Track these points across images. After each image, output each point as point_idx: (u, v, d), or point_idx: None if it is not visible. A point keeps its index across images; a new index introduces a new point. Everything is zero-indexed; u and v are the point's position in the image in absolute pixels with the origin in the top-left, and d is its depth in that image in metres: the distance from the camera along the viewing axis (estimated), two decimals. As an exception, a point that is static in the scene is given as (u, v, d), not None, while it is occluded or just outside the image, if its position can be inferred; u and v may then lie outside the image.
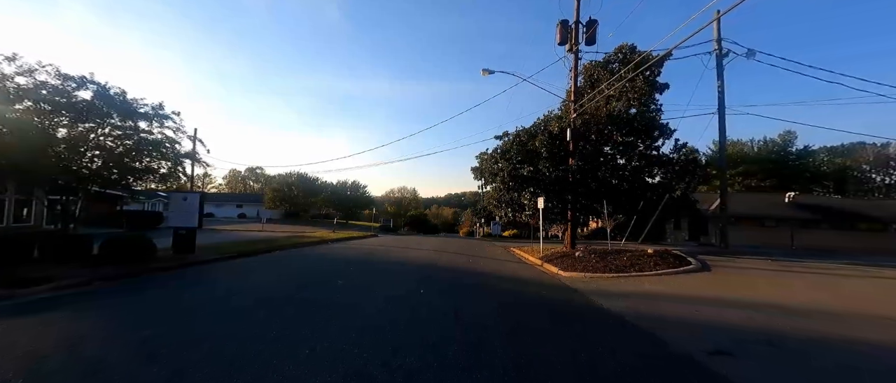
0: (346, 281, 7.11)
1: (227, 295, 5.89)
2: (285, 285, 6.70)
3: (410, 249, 15.26)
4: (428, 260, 11.26)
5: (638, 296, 6.38)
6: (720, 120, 13.04)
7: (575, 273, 8.95)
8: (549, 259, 11.55)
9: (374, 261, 10.70)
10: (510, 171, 15.15)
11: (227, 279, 7.35)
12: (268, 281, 7.19)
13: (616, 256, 10.15)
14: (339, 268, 9.02)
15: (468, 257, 12.60)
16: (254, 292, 6.05)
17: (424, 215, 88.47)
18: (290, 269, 8.75)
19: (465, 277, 8.18)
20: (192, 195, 10.02)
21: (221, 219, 48.05)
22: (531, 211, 14.53)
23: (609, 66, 15.40)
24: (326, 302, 5.29)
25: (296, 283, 6.88)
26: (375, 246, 16.98)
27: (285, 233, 24.88)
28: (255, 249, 12.56)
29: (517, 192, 15.65)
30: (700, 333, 4.29)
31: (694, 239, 28.32)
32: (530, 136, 15.76)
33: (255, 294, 5.89)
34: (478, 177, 18.87)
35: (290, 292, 6.00)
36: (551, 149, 14.23)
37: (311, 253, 12.81)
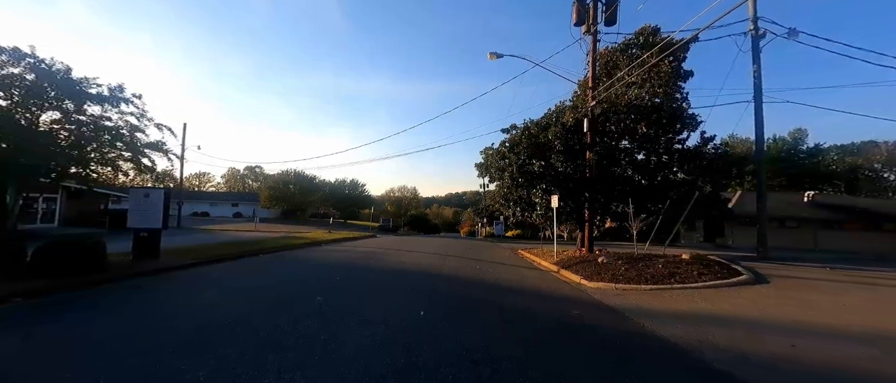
0: (327, 297, 5.71)
1: (165, 320, 4.50)
2: (248, 304, 5.31)
3: (410, 253, 13.86)
4: (430, 266, 9.86)
5: (700, 320, 4.97)
6: (756, 108, 11.62)
7: (602, 283, 7.55)
8: (566, 265, 10.16)
9: (368, 268, 9.30)
10: (520, 167, 13.75)
11: (181, 295, 5.97)
12: (229, 297, 5.80)
13: (647, 263, 8.74)
14: (324, 277, 7.63)
15: (475, 262, 11.21)
16: (201, 315, 4.66)
17: (425, 215, 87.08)
18: (265, 280, 7.37)
19: (475, 290, 6.78)
20: (156, 191, 8.62)
21: (216, 218, 46.77)
22: (543, 210, 13.12)
23: (628, 50, 13.98)
24: (290, 336, 3.89)
25: (264, 301, 5.48)
26: (372, 248, 15.58)
27: (278, 233, 23.51)
28: (235, 253, 11.17)
29: (527, 190, 14.23)
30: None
31: (709, 240, 26.88)
32: (541, 129, 14.35)
33: (202, 318, 4.50)
34: (482, 174, 17.51)
35: (249, 316, 4.61)
36: (565, 142, 12.81)
37: (298, 257, 11.42)
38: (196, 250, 11.27)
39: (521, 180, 13.79)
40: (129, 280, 6.84)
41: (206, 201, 53.97)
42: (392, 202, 79.92)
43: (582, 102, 13.11)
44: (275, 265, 9.47)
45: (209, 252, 10.91)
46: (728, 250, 18.64)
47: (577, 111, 13.17)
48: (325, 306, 5.10)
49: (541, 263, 11.83)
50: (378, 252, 13.70)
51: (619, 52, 13.87)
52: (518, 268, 10.35)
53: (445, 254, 13.38)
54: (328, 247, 15.33)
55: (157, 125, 9.41)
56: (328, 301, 5.41)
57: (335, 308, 5.05)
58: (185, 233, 21.18)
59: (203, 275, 7.68)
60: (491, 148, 17.69)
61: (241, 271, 8.30)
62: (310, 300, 5.47)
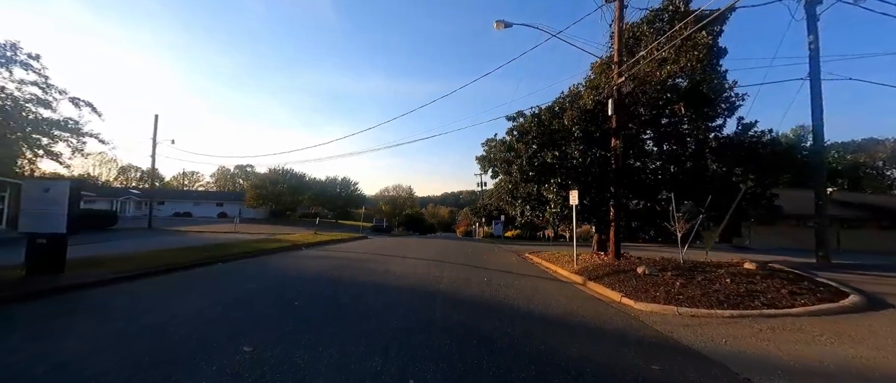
0: (265, 342, 3.68)
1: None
2: (117, 362, 3.25)
3: (402, 259, 11.81)
4: (425, 280, 7.83)
5: (850, 379, 3.05)
6: (813, 88, 9.80)
7: (656, 306, 5.60)
8: (593, 275, 8.21)
9: (345, 283, 7.25)
10: (530, 158, 11.78)
11: (50, 337, 3.88)
12: (121, 341, 3.73)
13: (705, 275, 6.82)
14: (279, 301, 5.57)
15: (480, 272, 9.20)
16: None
17: (420, 214, 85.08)
18: (192, 305, 5.28)
19: (489, 320, 4.77)
20: (58, 184, 6.46)
21: (199, 218, 44.23)
22: (558, 208, 11.17)
23: (655, 23, 12.07)
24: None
25: (154, 353, 3.42)
26: (359, 253, 13.51)
27: (257, 235, 21.31)
28: (187, 261, 9.05)
29: (537, 184, 12.27)
30: None
31: (725, 241, 25.22)
32: (553, 116, 12.42)
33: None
34: (484, 168, 15.50)
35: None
36: (585, 127, 10.88)
37: (264, 266, 9.33)
38: (137, 258, 9.12)
39: (531, 174, 11.82)
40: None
41: (190, 200, 51.33)
42: (386, 201, 77.67)
43: (604, 82, 11.16)
44: (225, 279, 7.37)
45: (153, 261, 8.77)
46: (752, 252, 16.93)
47: (597, 92, 11.23)
48: (247, 370, 3.06)
49: (558, 272, 9.87)
50: (364, 258, 11.63)
51: (646, 24, 11.96)
52: (534, 280, 8.37)
53: (443, 261, 11.36)
54: (307, 253, 13.22)
55: (73, 99, 7.28)
56: (261, 355, 3.36)
57: (265, 373, 3.01)
58: (149, 236, 18.91)
59: (110, 297, 5.57)
60: (494, 139, 15.73)
61: (174, 290, 6.20)
62: (232, 351, 3.42)
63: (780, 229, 23.37)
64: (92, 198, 40.37)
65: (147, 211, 50.26)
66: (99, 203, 41.28)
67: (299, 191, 44.95)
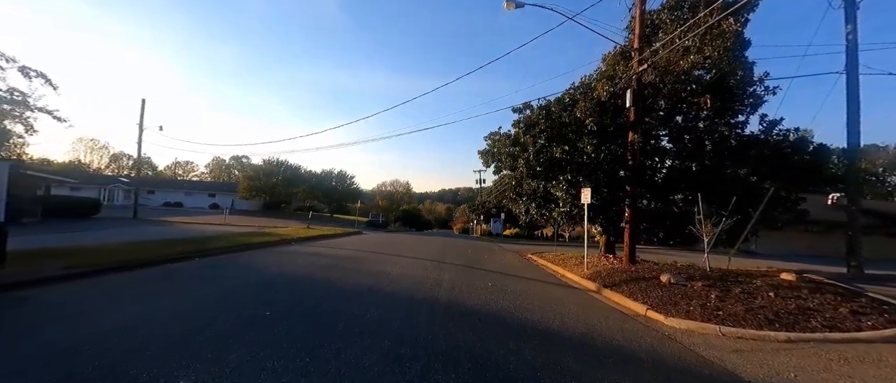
0: (211, 367, 2.80)
1: None
2: None
3: (397, 258, 10.94)
4: (422, 283, 6.97)
5: None
6: (849, 84, 8.99)
7: (693, 323, 4.79)
8: (608, 282, 7.40)
9: (332, 286, 6.38)
10: (537, 152, 10.91)
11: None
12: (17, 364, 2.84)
13: (742, 286, 6.02)
14: (251, 308, 4.69)
15: (483, 275, 8.36)
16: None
17: (418, 210, 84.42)
18: (147, 314, 4.40)
19: (502, 344, 3.92)
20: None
21: (190, 209, 43.09)
22: (567, 206, 10.33)
23: (675, 11, 11.18)
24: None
25: None
26: (351, 250, 12.63)
27: (246, 227, 20.37)
28: (160, 256, 8.14)
29: (544, 181, 11.43)
30: None
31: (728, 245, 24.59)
32: (563, 108, 11.53)
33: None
34: (487, 162, 14.58)
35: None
36: (599, 120, 10.02)
37: (243, 265, 8.44)
38: (101, 252, 8.19)
39: (538, 169, 10.95)
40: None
41: (182, 190, 50.09)
42: (384, 196, 76.77)
43: (621, 71, 10.28)
44: (192, 280, 6.47)
45: (121, 255, 7.85)
46: (764, 258, 16.24)
47: (613, 83, 10.35)
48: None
49: (567, 276, 9.06)
50: (356, 256, 10.75)
51: (665, 12, 11.07)
52: (543, 287, 7.53)
53: (442, 261, 10.51)
54: (295, 249, 12.32)
55: (23, 69, 6.36)
56: None
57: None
58: (130, 226, 17.90)
59: (44, 300, 4.67)
60: (498, 133, 14.79)
61: (127, 291, 5.30)
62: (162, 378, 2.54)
63: (787, 234, 22.69)
64: (76, 186, 39.15)
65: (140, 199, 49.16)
66: (86, 190, 40.04)
67: (294, 183, 43.89)
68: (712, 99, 8.82)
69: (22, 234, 10.23)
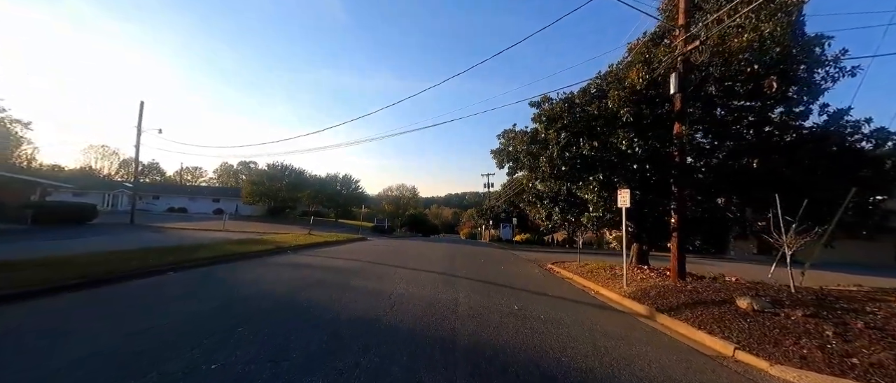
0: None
1: None
2: None
3: (402, 270, 9.61)
4: (434, 310, 5.62)
5: None
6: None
7: (818, 376, 3.36)
8: (663, 305, 5.96)
9: (319, 313, 5.06)
10: (562, 149, 9.55)
11: None
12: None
13: (862, 317, 4.54)
14: (202, 347, 3.40)
15: (505, 293, 6.97)
16: None
17: (424, 215, 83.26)
18: (73, 355, 3.14)
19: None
20: None
21: (194, 214, 42.41)
22: (599, 211, 8.91)
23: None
24: None
25: None
26: (353, 260, 11.33)
27: (244, 234, 19.26)
28: (132, 268, 6.94)
29: (570, 182, 10.04)
30: None
31: (764, 253, 22.78)
32: (590, 99, 10.20)
33: None
34: (501, 163, 13.24)
35: None
36: (637, 110, 8.62)
37: (226, 278, 7.19)
38: (67, 263, 7.00)
39: (563, 169, 9.58)
40: None
41: (186, 195, 49.60)
42: (390, 201, 75.89)
43: (662, 53, 8.87)
44: (148, 304, 5.22)
45: (84, 268, 6.65)
46: (798, 267, 14.50)
47: (649, 68, 8.94)
48: None
49: (605, 294, 7.61)
50: (354, 268, 9.44)
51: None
52: (583, 310, 6.11)
53: (454, 275, 9.14)
54: (289, 258, 11.07)
55: None
56: None
57: None
58: (122, 233, 16.88)
59: None
60: (512, 131, 13.47)
61: (54, 322, 4.05)
62: None
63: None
64: (80, 191, 38.74)
65: (143, 204, 48.70)
66: (90, 196, 39.69)
67: (298, 187, 42.97)
68: (777, 82, 7.36)
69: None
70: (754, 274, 11.32)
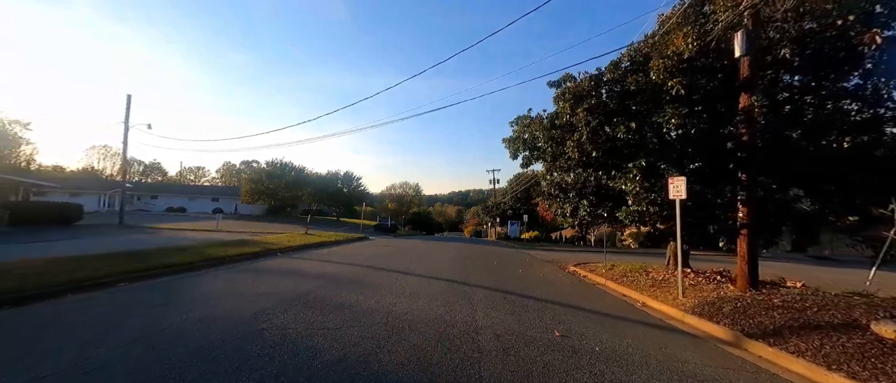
0: None
1: None
2: None
3: (406, 276, 8.17)
4: (446, 339, 4.18)
5: None
6: None
7: None
8: (752, 328, 4.47)
9: (278, 355, 3.63)
10: (593, 131, 8.06)
11: None
12: None
13: None
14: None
15: (537, 309, 5.50)
16: None
17: (428, 213, 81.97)
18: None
19: None
20: None
21: (193, 214, 41.36)
22: (643, 204, 7.38)
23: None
24: None
25: None
26: (349, 264, 9.93)
27: (238, 234, 17.97)
28: (79, 279, 5.60)
29: (604, 171, 8.55)
30: None
31: (798, 250, 21.10)
32: (624, 74, 8.71)
33: None
34: (514, 153, 11.73)
35: None
36: (690, 80, 7.06)
37: (188, 292, 5.81)
38: (7, 272, 5.66)
39: (595, 154, 8.07)
40: None
41: (186, 195, 48.63)
42: (393, 199, 74.48)
43: (720, 5, 7.26)
44: (49, 336, 3.83)
45: (19, 280, 5.30)
46: (845, 265, 12.64)
47: (700, 30, 7.34)
48: None
49: (656, 308, 6.11)
50: (350, 275, 8.01)
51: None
52: (643, 333, 4.62)
53: (466, 281, 7.68)
54: (275, 263, 9.69)
55: None
56: None
57: None
58: (102, 235, 15.62)
59: None
60: (527, 116, 11.96)
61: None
62: None
63: (868, 235, 19.00)
64: (76, 191, 37.76)
65: (141, 204, 47.81)
66: (86, 196, 38.70)
67: (298, 185, 41.72)
68: (881, 37, 5.76)
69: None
70: (818, 277, 9.72)
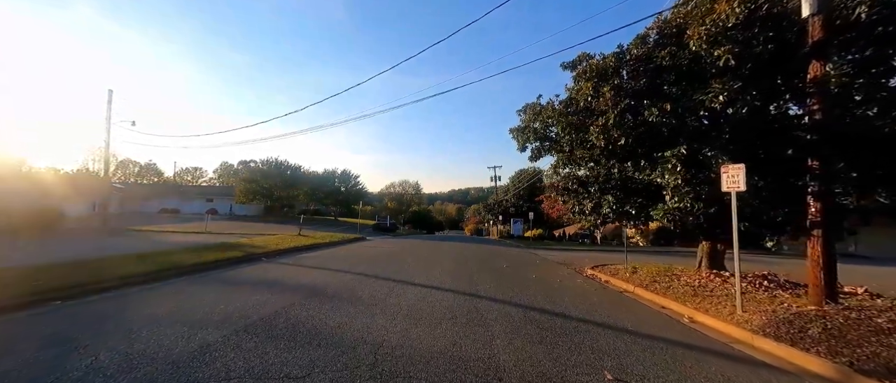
0: None
1: None
2: None
3: (402, 287, 7.01)
4: None
5: None
6: None
7: None
8: (870, 361, 3.27)
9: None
10: (621, 114, 6.90)
11: None
12: None
13: None
14: None
15: (566, 329, 4.32)
16: None
17: (428, 211, 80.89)
18: None
19: None
20: None
21: (186, 215, 40.17)
22: (687, 200, 6.19)
23: None
24: None
25: None
26: (338, 271, 8.77)
27: (222, 237, 16.80)
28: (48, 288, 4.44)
29: (631, 162, 7.38)
30: None
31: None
32: (651, 48, 7.56)
33: None
34: (523, 144, 10.56)
35: None
36: (743, 50, 5.86)
37: (119, 316, 4.66)
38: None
39: (623, 142, 6.88)
40: None
41: (180, 196, 47.43)
42: (392, 198, 73.33)
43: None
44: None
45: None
46: (873, 262, 11.46)
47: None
48: None
49: (717, 328, 4.92)
50: (337, 286, 6.84)
51: None
52: (719, 370, 3.44)
53: (475, 291, 6.50)
54: (256, 270, 8.51)
55: None
56: None
57: None
58: (77, 238, 14.43)
59: None
60: (537, 104, 10.79)
61: None
62: None
63: (890, 231, 17.79)
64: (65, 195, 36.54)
65: (133, 206, 46.60)
66: (75, 200, 37.45)
67: (294, 184, 40.50)
68: None
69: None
70: (871, 277, 8.49)
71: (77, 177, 53.14)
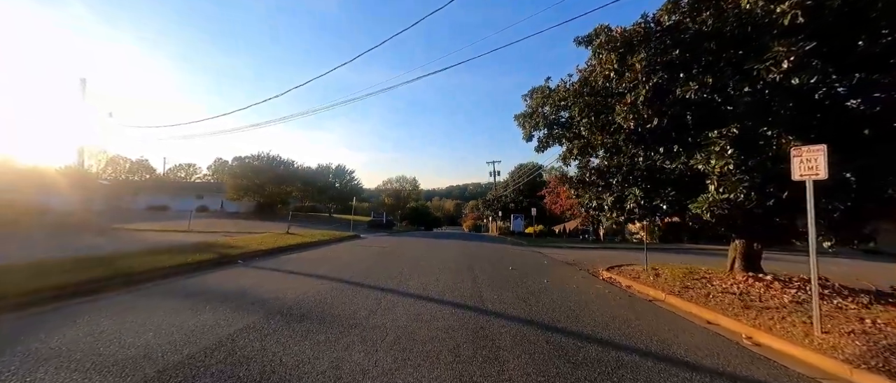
0: None
1: None
2: None
3: (393, 298, 5.89)
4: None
5: None
6: None
7: None
8: None
9: None
10: (652, 88, 5.77)
11: None
12: None
13: None
14: None
15: (613, 376, 3.20)
16: None
17: (426, 207, 79.83)
18: None
19: None
20: None
21: (175, 212, 38.81)
22: (742, 190, 5.06)
23: None
24: None
25: None
26: (320, 278, 7.61)
27: (206, 235, 15.61)
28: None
29: (664, 147, 6.26)
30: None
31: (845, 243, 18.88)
32: (687, 13, 6.42)
33: None
34: (529, 133, 9.42)
35: None
36: (811, 3, 4.71)
37: (9, 350, 3.44)
38: None
39: (654, 123, 5.74)
40: None
41: (166, 193, 45.99)
42: (389, 194, 72.14)
43: None
44: None
45: None
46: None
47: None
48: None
49: (792, 355, 3.78)
50: (315, 299, 5.68)
51: None
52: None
53: (482, 306, 5.35)
54: (226, 277, 7.33)
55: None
56: None
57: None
58: (36, 239, 13.17)
59: None
60: (545, 87, 9.69)
61: None
62: None
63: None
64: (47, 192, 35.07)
65: (122, 203, 45.11)
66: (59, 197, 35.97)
67: (286, 180, 39.17)
68: None
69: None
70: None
71: (64, 174, 51.57)
